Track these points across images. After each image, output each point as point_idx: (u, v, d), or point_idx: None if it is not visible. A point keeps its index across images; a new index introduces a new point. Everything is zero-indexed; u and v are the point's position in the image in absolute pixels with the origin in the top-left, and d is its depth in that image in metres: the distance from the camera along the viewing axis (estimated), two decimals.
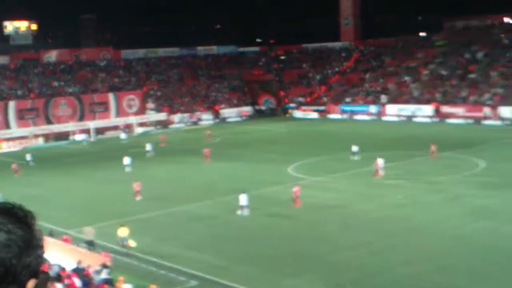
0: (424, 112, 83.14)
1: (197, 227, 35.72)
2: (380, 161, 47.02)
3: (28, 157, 61.97)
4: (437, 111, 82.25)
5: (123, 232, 31.49)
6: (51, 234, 31.00)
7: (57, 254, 26.81)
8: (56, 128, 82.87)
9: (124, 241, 31.31)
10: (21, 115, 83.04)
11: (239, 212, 37.43)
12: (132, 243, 31.15)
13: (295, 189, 39.13)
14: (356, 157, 53.71)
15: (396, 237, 31.76)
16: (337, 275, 26.76)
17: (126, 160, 55.07)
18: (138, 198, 42.80)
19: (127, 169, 54.07)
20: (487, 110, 77.57)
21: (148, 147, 63.58)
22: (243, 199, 37.49)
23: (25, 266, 1.94)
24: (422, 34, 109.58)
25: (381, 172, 46.56)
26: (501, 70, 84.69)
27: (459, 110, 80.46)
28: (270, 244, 31.67)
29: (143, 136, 79.73)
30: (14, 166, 55.95)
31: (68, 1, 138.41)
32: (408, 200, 39.27)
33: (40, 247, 2.02)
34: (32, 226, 2.01)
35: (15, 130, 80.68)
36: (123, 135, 78.06)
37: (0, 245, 1.90)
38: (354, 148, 54.45)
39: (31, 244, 1.98)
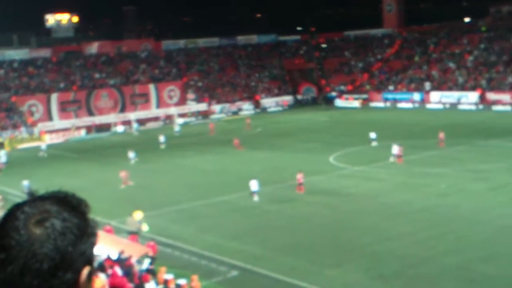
0: (469, 99, 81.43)
1: (238, 217, 35.55)
2: (395, 147, 46.69)
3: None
4: (483, 98, 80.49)
5: (138, 215, 32.06)
6: None
7: (100, 244, 26.91)
8: (98, 119, 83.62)
9: (138, 224, 31.84)
10: (63, 107, 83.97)
11: (255, 198, 37.88)
12: (145, 227, 31.73)
13: (299, 176, 39.53)
14: (374, 143, 54.13)
15: (440, 227, 31.08)
16: (380, 266, 26.28)
17: (131, 154, 55.23)
18: (124, 186, 44.24)
19: (132, 162, 53.98)
20: None
21: (162, 138, 63.67)
22: (254, 184, 38.02)
23: (80, 253, 1.95)
24: (466, 19, 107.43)
25: (393, 159, 46.43)
26: None
27: (505, 97, 78.57)
28: (311, 234, 31.31)
29: (185, 127, 79.74)
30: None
31: None
32: (452, 189, 38.44)
33: (94, 234, 2.03)
34: (86, 214, 2.03)
35: (58, 122, 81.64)
36: (177, 127, 76.35)
37: (56, 233, 1.92)
38: (372, 135, 54.96)
39: (86, 231, 1.99)
